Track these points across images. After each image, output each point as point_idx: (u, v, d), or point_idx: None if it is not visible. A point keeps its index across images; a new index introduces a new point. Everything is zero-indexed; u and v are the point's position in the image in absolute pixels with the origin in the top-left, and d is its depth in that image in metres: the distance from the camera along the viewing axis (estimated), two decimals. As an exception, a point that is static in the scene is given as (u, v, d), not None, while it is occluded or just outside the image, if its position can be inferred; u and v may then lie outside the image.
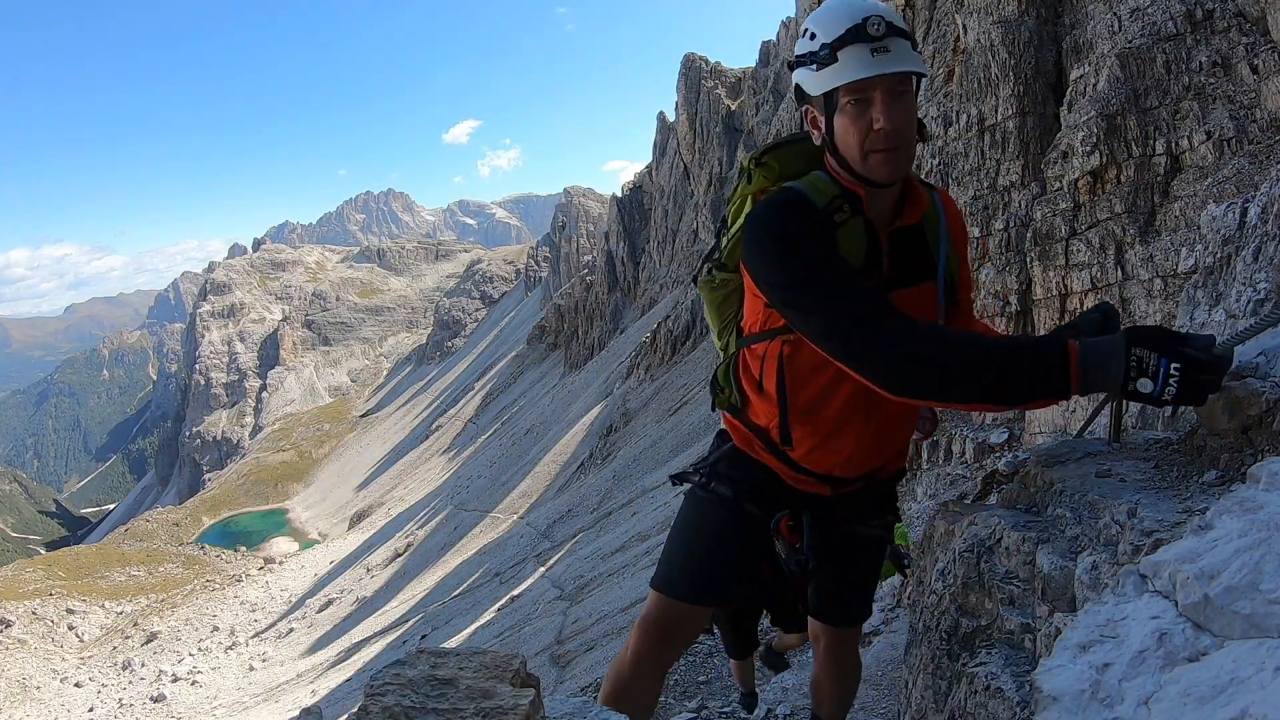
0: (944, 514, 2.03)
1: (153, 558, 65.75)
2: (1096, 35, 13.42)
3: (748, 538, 1.98)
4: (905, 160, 1.62)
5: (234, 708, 37.91)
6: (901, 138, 1.57)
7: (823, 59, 1.58)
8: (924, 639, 1.90)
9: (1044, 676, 0.90)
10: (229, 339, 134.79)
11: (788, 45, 51.75)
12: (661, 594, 2.03)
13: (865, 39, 1.53)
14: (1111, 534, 1.41)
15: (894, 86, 1.56)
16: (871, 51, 1.53)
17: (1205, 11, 11.51)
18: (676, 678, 5.34)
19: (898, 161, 1.60)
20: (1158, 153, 11.58)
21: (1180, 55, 11.58)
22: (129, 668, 44.25)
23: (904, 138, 1.58)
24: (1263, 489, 1.02)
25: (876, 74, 1.52)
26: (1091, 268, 12.21)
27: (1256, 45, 10.88)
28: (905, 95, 1.58)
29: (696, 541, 2.03)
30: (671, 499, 30.70)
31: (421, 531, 56.19)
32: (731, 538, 1.99)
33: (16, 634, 45.81)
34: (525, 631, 24.47)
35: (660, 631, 2.00)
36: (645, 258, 67.78)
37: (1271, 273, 2.50)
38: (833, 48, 1.56)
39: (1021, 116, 15.03)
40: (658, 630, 2.00)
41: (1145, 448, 1.74)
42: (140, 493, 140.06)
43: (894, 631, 5.04)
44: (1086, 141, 12.26)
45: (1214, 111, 10.99)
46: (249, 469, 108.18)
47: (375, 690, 0.84)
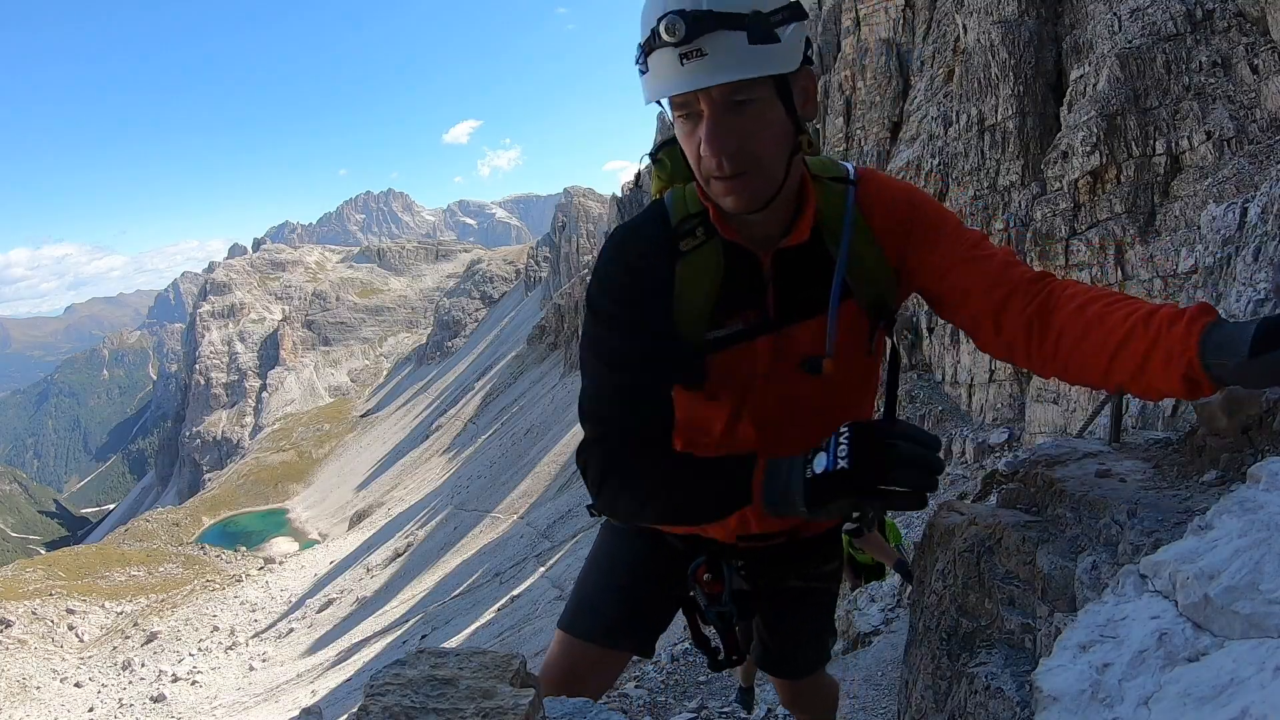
0: (944, 514, 2.03)
1: (153, 558, 65.77)
2: (1096, 35, 13.43)
3: (669, 574, 1.68)
4: (758, 187, 1.25)
5: (234, 708, 37.92)
6: (741, 162, 1.21)
7: (641, 66, 1.24)
8: (924, 639, 1.90)
9: (1044, 676, 0.90)
10: (229, 339, 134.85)
11: (788, 45, 51.76)
12: (568, 635, 1.70)
13: (668, 43, 1.15)
14: (1111, 534, 1.41)
15: (725, 98, 1.18)
16: (680, 58, 1.15)
17: (1205, 11, 11.51)
18: (677, 677, 5.34)
19: (742, 191, 1.24)
20: (1158, 153, 11.58)
21: (1180, 55, 11.58)
22: (129, 668, 44.26)
23: (745, 162, 1.22)
24: (1263, 489, 1.02)
25: (680, 90, 1.17)
26: (1091, 268, 12.22)
27: (1256, 45, 10.88)
28: (748, 106, 1.19)
29: (613, 574, 1.74)
30: (671, 499, 30.68)
31: (421, 531, 56.21)
32: (652, 572, 1.70)
33: (16, 634, 45.82)
34: (525, 631, 24.46)
35: (565, 679, 1.62)
36: (645, 258, 67.66)
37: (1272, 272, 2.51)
38: (644, 52, 1.21)
39: (1021, 116, 15.03)
40: (562, 678, 1.63)
41: (1145, 448, 1.74)
42: (140, 493, 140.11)
43: (894, 631, 5.04)
44: (1086, 141, 12.27)
45: (1214, 111, 10.99)
46: (249, 469, 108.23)
47: (375, 690, 0.84)
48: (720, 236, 1.36)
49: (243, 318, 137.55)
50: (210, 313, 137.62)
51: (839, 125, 29.64)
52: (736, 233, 1.35)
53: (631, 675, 5.43)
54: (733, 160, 1.21)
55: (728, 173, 1.22)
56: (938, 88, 20.29)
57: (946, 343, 16.23)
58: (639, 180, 71.57)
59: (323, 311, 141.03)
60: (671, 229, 1.38)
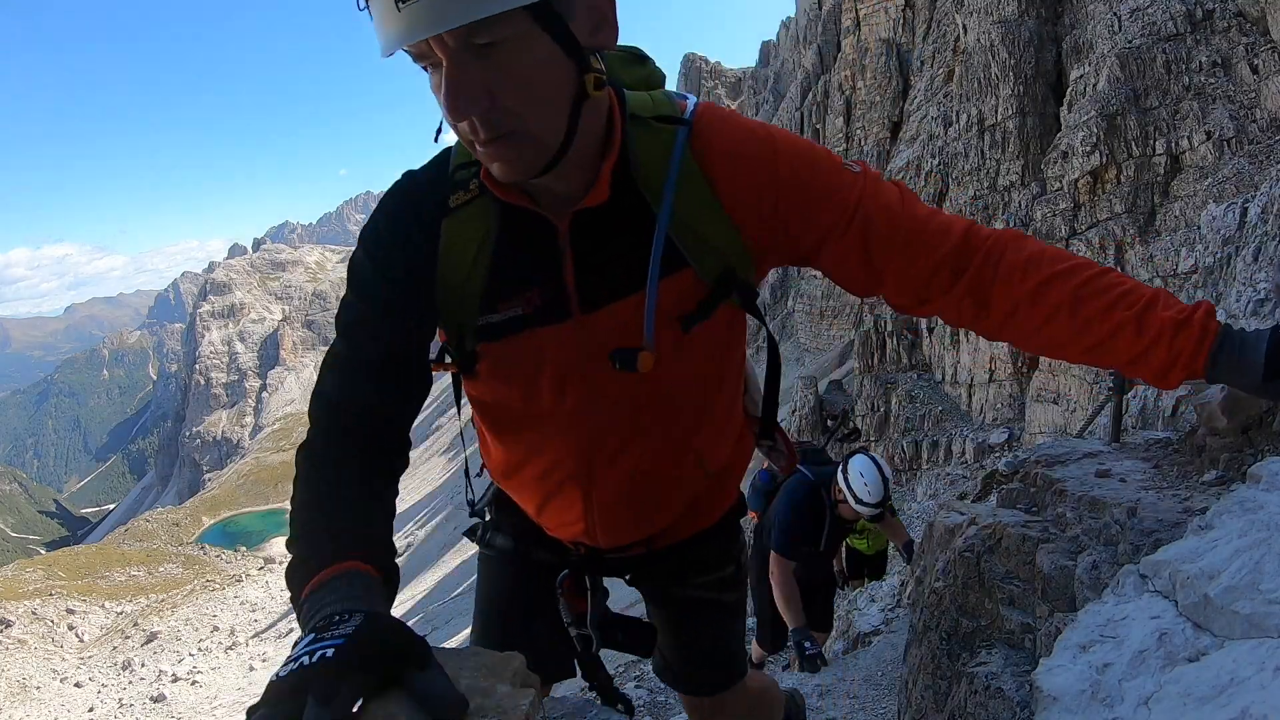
0: (944, 514, 2.03)
1: (153, 558, 65.79)
2: (1096, 35, 13.43)
3: (540, 592, 1.48)
4: (528, 150, 0.95)
5: (234, 708, 37.92)
6: (498, 124, 0.92)
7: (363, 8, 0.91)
8: (924, 639, 1.90)
9: (1044, 676, 0.90)
10: (229, 339, 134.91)
11: (788, 45, 51.79)
12: None
13: None
14: (1111, 534, 1.41)
15: (461, 43, 0.87)
16: (396, 2, 0.85)
17: (1205, 11, 11.52)
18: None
19: (509, 157, 0.95)
20: (1158, 153, 11.59)
21: (1180, 55, 11.58)
22: (129, 668, 44.28)
23: (505, 122, 0.92)
24: (1263, 489, 1.02)
25: (400, 43, 0.87)
26: (1091, 268, 12.24)
27: (1256, 45, 10.89)
28: (496, 49, 0.88)
29: (490, 604, 1.58)
30: (671, 499, 30.71)
31: (421, 531, 56.25)
32: (522, 594, 1.52)
33: (16, 634, 45.83)
34: (525, 631, 24.37)
35: None
36: (645, 258, 67.82)
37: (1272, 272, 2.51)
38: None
39: (1021, 116, 15.03)
40: None
41: (1145, 448, 1.74)
42: (140, 493, 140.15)
43: (894, 631, 5.04)
44: (1086, 141, 12.27)
45: (1214, 111, 10.99)
46: (249, 469, 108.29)
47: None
48: (492, 193, 1.05)
49: (243, 318, 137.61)
50: (210, 313, 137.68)
51: (839, 125, 29.64)
52: (521, 195, 1.04)
53: (631, 675, 5.43)
54: (487, 123, 0.91)
55: (484, 138, 0.93)
56: (938, 88, 20.31)
57: (946, 343, 16.24)
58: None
59: (323, 311, 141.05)
60: (449, 175, 1.09)
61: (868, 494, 3.99)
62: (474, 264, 1.09)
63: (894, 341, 21.00)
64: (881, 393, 19.02)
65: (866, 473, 4.00)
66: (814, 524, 4.22)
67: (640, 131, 1.07)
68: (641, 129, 1.08)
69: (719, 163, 1.07)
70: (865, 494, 3.99)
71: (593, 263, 1.08)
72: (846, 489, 4.05)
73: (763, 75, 56.72)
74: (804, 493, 4.20)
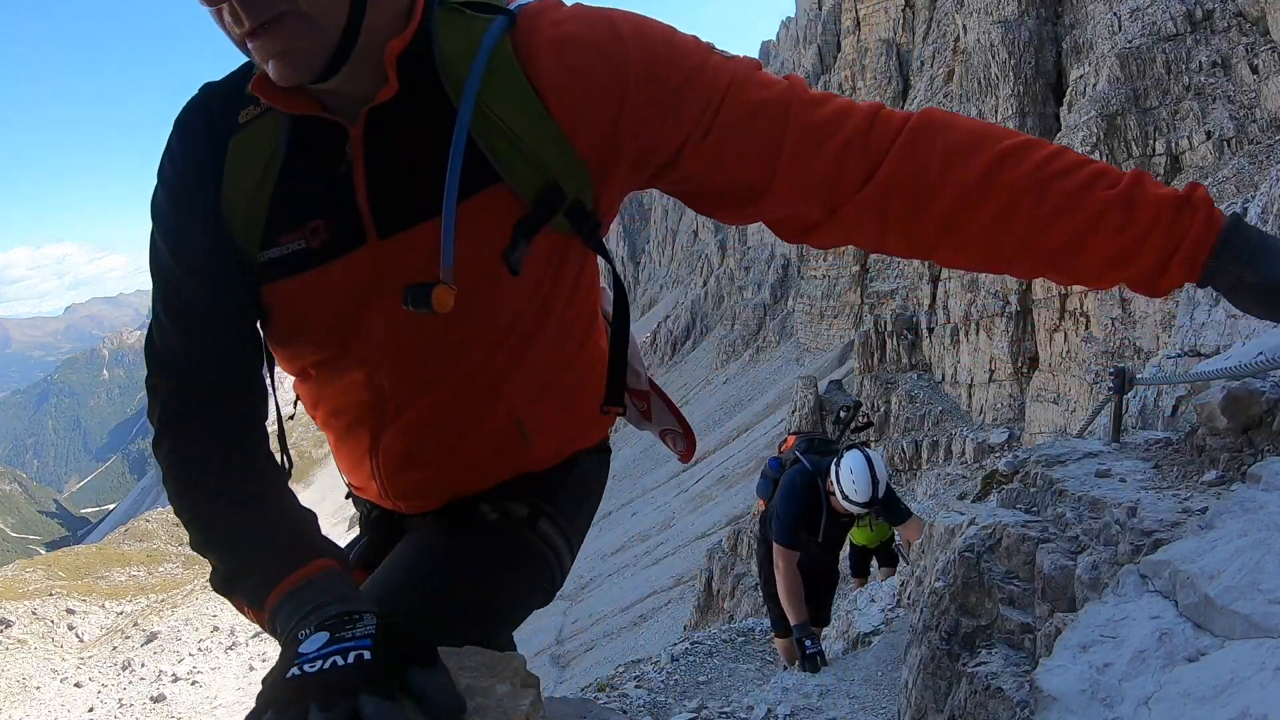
0: (944, 514, 2.03)
1: (153, 558, 65.80)
2: (1096, 35, 13.44)
3: None
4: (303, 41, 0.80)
5: (234, 708, 37.93)
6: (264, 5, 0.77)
7: None
8: (924, 639, 1.90)
9: (1044, 676, 0.90)
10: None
11: (788, 45, 51.81)
12: None
13: None
14: (1111, 534, 1.41)
15: None
16: None
17: (1205, 11, 11.52)
18: (677, 678, 5.34)
19: (282, 49, 0.80)
20: (1158, 153, 11.59)
21: (1180, 55, 11.59)
22: (129, 668, 44.29)
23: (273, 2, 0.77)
24: (1263, 489, 1.02)
25: None
26: (1091, 268, 12.26)
27: (1256, 45, 10.89)
28: None
29: None
30: (671, 499, 30.72)
31: (421, 531, 56.32)
32: None
33: (16, 634, 45.84)
34: (525, 631, 24.40)
35: None
36: (645, 257, 67.83)
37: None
38: None
39: (1021, 116, 15.03)
40: None
41: (1145, 448, 1.74)
42: (140, 493, 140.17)
43: (894, 631, 5.03)
44: (1086, 141, 12.27)
45: (1214, 111, 11.00)
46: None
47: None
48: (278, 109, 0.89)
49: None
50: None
51: (839, 125, 29.63)
52: (310, 101, 0.88)
53: (631, 675, 5.43)
54: (251, 5, 0.76)
55: (249, 26, 0.78)
56: (938, 88, 20.35)
57: (947, 343, 16.24)
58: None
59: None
60: (243, 91, 0.91)
61: (855, 493, 3.97)
62: (256, 190, 0.91)
63: (894, 341, 20.97)
64: (881, 393, 19.00)
65: (857, 470, 3.98)
66: (813, 514, 4.21)
67: (450, 17, 0.89)
68: (453, 15, 0.89)
69: (543, 54, 0.86)
70: (853, 493, 3.98)
71: (389, 178, 0.89)
72: (836, 484, 4.04)
73: (763, 75, 56.73)
74: (802, 483, 4.19)
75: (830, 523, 4.26)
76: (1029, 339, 14.49)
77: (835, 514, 4.24)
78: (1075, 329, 12.65)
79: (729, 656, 5.75)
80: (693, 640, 6.00)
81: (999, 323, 14.95)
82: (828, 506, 4.20)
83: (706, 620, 16.85)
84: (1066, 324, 12.80)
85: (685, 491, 30.58)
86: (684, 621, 18.96)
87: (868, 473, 3.95)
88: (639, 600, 22.80)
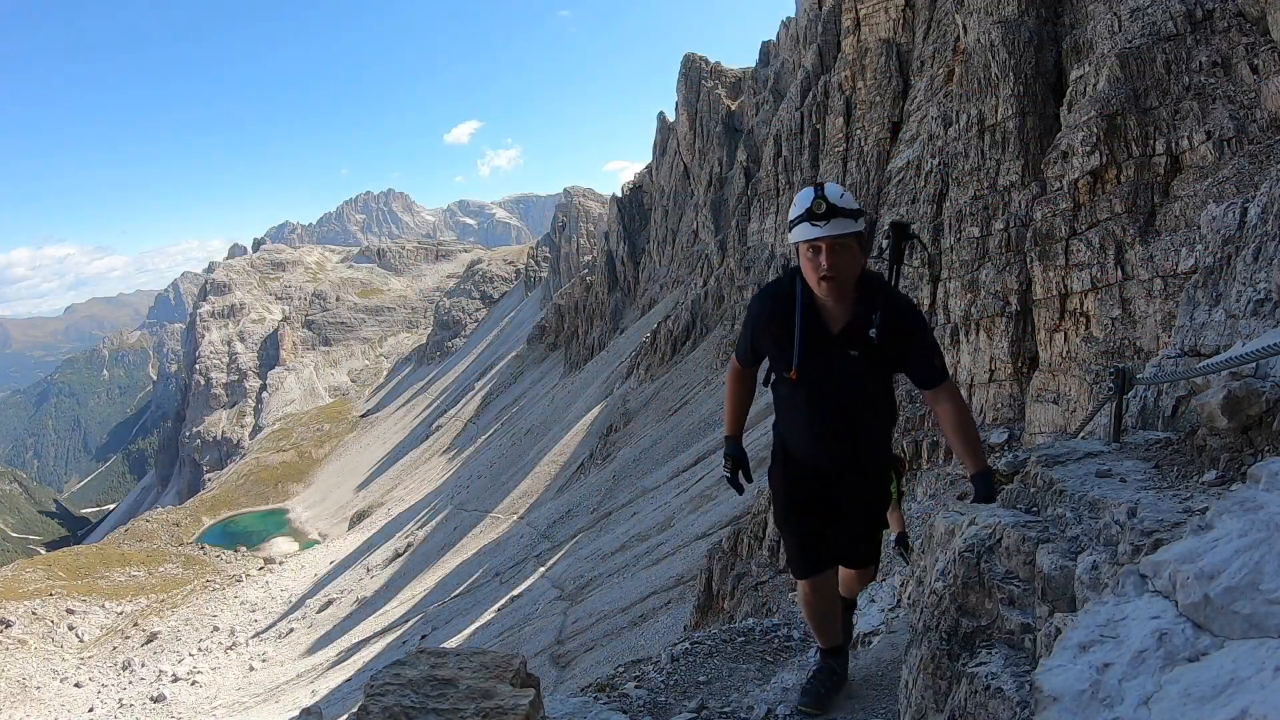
0: (944, 514, 2.03)
1: (153, 558, 65.80)
2: (1096, 35, 13.43)
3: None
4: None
5: (234, 708, 37.94)
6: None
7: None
8: (924, 639, 1.90)
9: (1044, 676, 0.90)
10: (229, 339, 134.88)
11: (788, 45, 51.76)
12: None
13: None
14: (1111, 534, 1.41)
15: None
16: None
17: (1205, 11, 11.52)
18: (677, 678, 5.34)
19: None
20: (1158, 153, 11.58)
21: (1180, 55, 11.58)
22: (129, 668, 44.28)
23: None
24: (1263, 489, 1.02)
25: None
26: (1091, 268, 12.22)
27: (1256, 45, 10.88)
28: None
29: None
30: (671, 499, 30.72)
31: (421, 532, 56.22)
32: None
33: (16, 634, 45.83)
34: (525, 631, 24.46)
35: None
36: (645, 258, 67.78)
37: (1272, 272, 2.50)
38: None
39: (1021, 116, 15.03)
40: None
41: (1145, 448, 1.74)
42: (140, 493, 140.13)
43: (894, 631, 5.03)
44: (1086, 141, 12.27)
45: (1214, 111, 10.99)
46: (249, 469, 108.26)
47: (375, 690, 0.84)
48: None
49: (243, 318, 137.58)
50: (210, 313, 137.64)
51: (839, 125, 29.62)
52: None
53: (631, 675, 5.43)
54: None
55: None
56: (938, 88, 20.27)
57: (946, 343, 16.22)
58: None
59: (323, 311, 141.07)
60: None
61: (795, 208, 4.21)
62: None
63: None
64: (881, 393, 18.99)
65: None
66: None
67: None
68: None
69: None
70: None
71: None
72: None
73: (763, 75, 56.66)
74: None
75: None
76: (1029, 339, 14.50)
77: None
78: (1075, 329, 12.66)
79: (729, 656, 5.74)
80: (693, 640, 5.98)
81: (999, 323, 14.94)
82: None
83: (706, 620, 16.84)
84: (1067, 324, 12.82)
85: (685, 491, 30.64)
86: (684, 621, 18.95)
87: None
88: (639, 600, 22.77)
